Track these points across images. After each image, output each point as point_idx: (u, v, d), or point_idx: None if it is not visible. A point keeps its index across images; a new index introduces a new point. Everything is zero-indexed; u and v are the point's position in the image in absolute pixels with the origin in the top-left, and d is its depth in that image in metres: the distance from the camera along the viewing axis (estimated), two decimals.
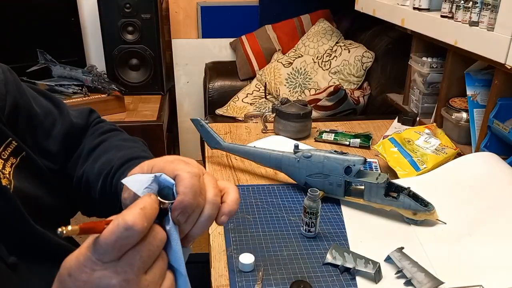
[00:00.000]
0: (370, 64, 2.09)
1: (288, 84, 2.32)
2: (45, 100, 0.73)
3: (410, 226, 0.86)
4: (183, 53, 2.69)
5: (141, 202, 0.41)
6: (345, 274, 0.73)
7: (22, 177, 0.60)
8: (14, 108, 0.64)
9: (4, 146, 0.59)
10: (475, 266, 0.74)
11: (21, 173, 0.61)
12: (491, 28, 0.99)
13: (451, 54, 1.26)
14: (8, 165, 0.59)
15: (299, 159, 0.94)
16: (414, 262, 0.72)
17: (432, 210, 0.84)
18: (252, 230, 0.84)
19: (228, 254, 0.77)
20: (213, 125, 1.33)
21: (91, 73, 2.13)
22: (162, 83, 2.45)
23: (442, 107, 1.30)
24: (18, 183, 0.59)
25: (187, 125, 2.76)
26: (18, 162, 0.61)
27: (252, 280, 0.71)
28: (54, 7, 2.39)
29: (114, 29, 2.28)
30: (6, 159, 0.59)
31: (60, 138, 0.71)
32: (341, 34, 2.40)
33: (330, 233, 0.84)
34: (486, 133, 1.09)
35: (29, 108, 0.67)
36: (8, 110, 0.63)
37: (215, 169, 1.10)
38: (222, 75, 2.56)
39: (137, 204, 0.41)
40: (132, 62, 2.38)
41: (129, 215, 0.39)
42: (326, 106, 1.91)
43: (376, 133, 1.33)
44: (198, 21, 2.68)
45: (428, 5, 1.30)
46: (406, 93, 1.56)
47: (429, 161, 1.03)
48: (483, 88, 1.17)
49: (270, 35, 2.58)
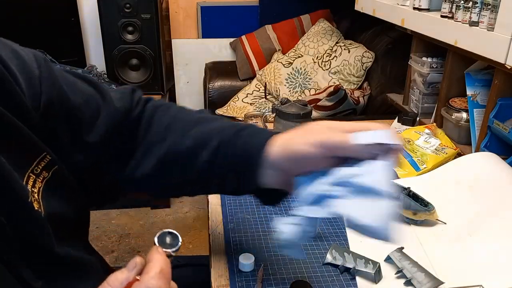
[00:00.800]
0: (370, 64, 2.09)
1: (288, 84, 2.32)
2: (86, 85, 0.66)
3: (410, 226, 0.86)
4: (183, 53, 2.69)
5: (157, 264, 0.45)
6: (345, 274, 0.73)
7: (51, 194, 0.57)
8: (49, 107, 0.58)
9: (38, 161, 0.56)
10: (475, 266, 0.74)
11: (51, 189, 0.57)
12: (491, 28, 0.99)
13: (451, 54, 1.26)
14: (40, 180, 0.56)
15: None
16: (414, 262, 0.72)
17: (432, 210, 0.84)
18: (252, 230, 0.84)
19: (228, 254, 0.77)
20: None
21: (91, 73, 2.13)
22: (162, 83, 2.45)
23: (442, 107, 1.30)
24: (47, 203, 0.56)
25: None
26: (49, 176, 0.57)
27: (252, 280, 0.71)
28: (54, 7, 2.39)
29: (114, 29, 2.28)
30: (38, 174, 0.56)
31: (104, 128, 0.64)
32: (341, 34, 2.40)
33: (330, 233, 0.84)
34: (486, 133, 1.09)
35: (66, 101, 0.60)
36: (43, 111, 0.57)
37: None
38: (222, 75, 2.57)
39: (154, 267, 0.45)
40: (132, 62, 2.38)
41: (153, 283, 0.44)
42: (326, 106, 1.91)
43: None
44: (198, 21, 2.68)
45: (428, 5, 1.30)
46: (406, 93, 1.56)
47: (429, 161, 1.03)
48: (483, 88, 1.17)
49: (270, 35, 2.58)
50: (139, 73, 2.42)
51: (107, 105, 0.66)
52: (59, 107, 0.59)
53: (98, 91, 0.66)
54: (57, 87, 0.60)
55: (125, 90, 0.71)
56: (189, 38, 2.70)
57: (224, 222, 0.87)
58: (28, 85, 0.56)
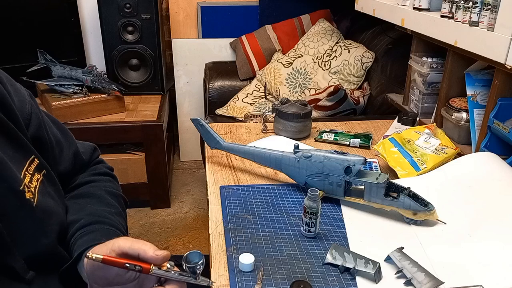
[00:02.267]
0: (370, 64, 2.09)
1: (288, 84, 2.32)
2: (56, 129, 0.77)
3: (410, 226, 0.86)
4: (183, 53, 2.69)
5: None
6: (345, 274, 0.73)
7: (46, 193, 0.63)
8: (37, 129, 0.68)
9: (28, 163, 0.63)
10: (475, 266, 0.74)
11: (45, 189, 0.64)
12: (491, 28, 0.99)
13: (451, 54, 1.26)
14: (35, 179, 0.62)
15: (299, 159, 0.94)
16: (414, 262, 0.72)
17: (432, 210, 0.84)
18: (252, 230, 0.84)
19: (228, 254, 0.77)
20: (213, 125, 1.33)
21: (91, 73, 2.13)
22: (162, 83, 2.45)
23: (442, 107, 1.30)
24: (43, 198, 0.61)
25: (187, 125, 2.76)
26: (41, 178, 0.64)
27: (252, 280, 0.71)
28: (54, 7, 2.39)
29: (114, 29, 2.28)
30: (32, 174, 0.62)
31: (67, 164, 0.77)
32: (341, 34, 2.40)
33: (330, 233, 0.84)
34: (486, 133, 1.09)
35: (45, 133, 0.71)
36: (32, 130, 0.67)
37: (215, 169, 1.10)
38: (222, 75, 2.56)
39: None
40: (132, 62, 2.38)
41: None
42: (326, 106, 1.91)
43: (376, 133, 1.33)
44: (198, 21, 2.68)
45: (428, 5, 1.30)
46: (406, 93, 1.56)
47: (429, 161, 1.03)
48: (483, 88, 1.17)
49: (270, 35, 2.58)
50: (139, 73, 2.42)
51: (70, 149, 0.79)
52: (42, 134, 0.69)
53: (64, 137, 0.78)
54: (41, 117, 0.71)
55: (89, 145, 0.84)
56: (189, 38, 2.70)
57: (224, 222, 0.87)
58: (20, 106, 0.66)
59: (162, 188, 2.30)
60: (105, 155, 2.19)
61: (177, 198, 2.48)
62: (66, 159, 0.77)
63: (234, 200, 0.95)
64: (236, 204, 0.93)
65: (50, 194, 0.65)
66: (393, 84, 1.85)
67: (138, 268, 0.55)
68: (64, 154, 0.77)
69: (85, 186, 0.79)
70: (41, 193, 0.62)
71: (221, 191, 0.98)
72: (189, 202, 2.45)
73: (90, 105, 2.11)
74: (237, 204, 0.93)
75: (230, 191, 0.98)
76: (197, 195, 2.52)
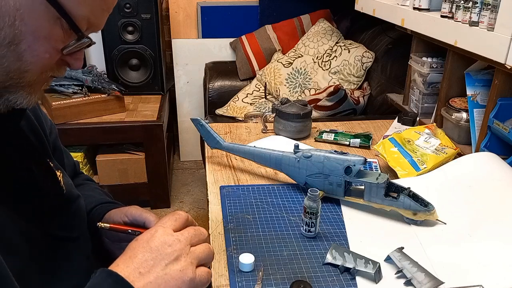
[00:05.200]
0: (370, 64, 2.08)
1: (288, 84, 2.32)
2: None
3: (410, 226, 0.86)
4: (183, 53, 2.69)
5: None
6: (345, 274, 0.73)
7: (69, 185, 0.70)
8: (55, 138, 0.78)
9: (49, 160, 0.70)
10: (475, 266, 0.74)
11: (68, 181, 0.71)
12: (491, 28, 0.99)
13: (451, 54, 1.26)
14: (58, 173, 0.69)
15: (299, 159, 0.94)
16: (414, 262, 0.72)
17: (432, 210, 0.84)
18: (252, 230, 0.84)
19: (228, 254, 0.77)
20: (213, 125, 1.33)
21: (91, 73, 2.13)
22: (162, 83, 2.45)
23: (442, 107, 1.30)
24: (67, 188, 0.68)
25: (187, 125, 2.76)
26: (62, 175, 0.70)
27: (252, 280, 0.71)
28: None
29: (114, 29, 2.28)
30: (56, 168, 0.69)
31: (71, 174, 0.85)
32: (341, 34, 2.39)
33: (330, 233, 0.84)
34: (486, 133, 1.09)
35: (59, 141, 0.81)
36: (53, 137, 0.76)
37: (215, 169, 1.10)
38: (222, 75, 2.56)
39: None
40: (132, 62, 2.38)
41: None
42: (326, 106, 1.91)
43: (376, 133, 1.33)
44: (198, 21, 2.68)
45: (428, 5, 1.30)
46: (406, 93, 1.56)
47: (429, 161, 1.03)
48: (483, 88, 1.17)
49: (270, 35, 2.58)
50: (139, 73, 2.42)
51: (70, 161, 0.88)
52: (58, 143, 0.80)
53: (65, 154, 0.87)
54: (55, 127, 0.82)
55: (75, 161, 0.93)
56: (189, 38, 2.70)
57: (224, 222, 0.87)
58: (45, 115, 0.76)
59: (162, 188, 2.30)
60: (105, 155, 2.24)
61: (177, 198, 2.48)
62: (70, 168, 0.85)
63: (234, 200, 0.95)
64: (236, 204, 0.93)
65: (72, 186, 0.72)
66: (393, 84, 1.85)
67: (138, 233, 0.64)
68: (70, 162, 0.86)
69: (79, 187, 0.85)
70: (65, 184, 0.68)
71: (221, 191, 0.98)
72: (189, 202, 2.45)
73: (90, 105, 2.11)
74: (237, 204, 0.93)
75: (230, 191, 0.98)
76: (197, 195, 2.52)
